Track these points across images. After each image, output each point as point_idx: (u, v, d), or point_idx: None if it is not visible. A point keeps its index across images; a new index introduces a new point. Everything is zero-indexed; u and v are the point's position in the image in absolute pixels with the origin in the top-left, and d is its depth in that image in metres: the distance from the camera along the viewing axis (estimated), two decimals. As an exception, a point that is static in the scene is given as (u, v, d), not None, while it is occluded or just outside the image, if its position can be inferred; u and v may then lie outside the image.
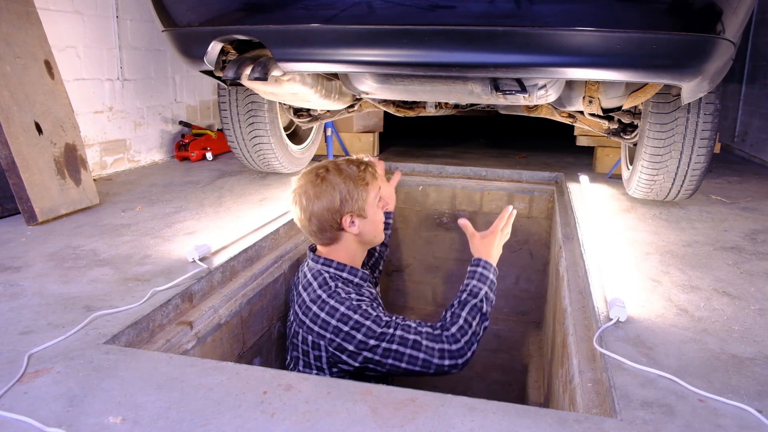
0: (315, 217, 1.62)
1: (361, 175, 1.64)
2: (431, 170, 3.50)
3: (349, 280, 1.65)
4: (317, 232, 1.65)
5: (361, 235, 1.67)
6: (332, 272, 1.64)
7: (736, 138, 4.33)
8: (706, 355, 1.26)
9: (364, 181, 1.64)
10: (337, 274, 1.64)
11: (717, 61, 1.65)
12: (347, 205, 1.61)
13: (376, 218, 1.69)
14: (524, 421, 0.99)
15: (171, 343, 1.40)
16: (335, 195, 1.60)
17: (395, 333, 1.49)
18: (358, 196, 1.62)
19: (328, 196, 1.60)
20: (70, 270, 1.68)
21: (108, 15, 3.12)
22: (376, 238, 1.72)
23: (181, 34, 1.89)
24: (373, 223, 1.68)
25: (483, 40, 1.59)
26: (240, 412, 1.01)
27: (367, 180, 1.65)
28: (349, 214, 1.63)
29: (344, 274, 1.65)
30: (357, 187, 1.62)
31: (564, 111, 2.71)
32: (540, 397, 2.50)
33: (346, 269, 1.66)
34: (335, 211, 1.61)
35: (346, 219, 1.63)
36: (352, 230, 1.64)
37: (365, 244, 1.73)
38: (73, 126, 2.41)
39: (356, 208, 1.63)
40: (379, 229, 1.72)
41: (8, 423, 0.97)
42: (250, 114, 2.71)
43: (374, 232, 1.70)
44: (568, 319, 1.59)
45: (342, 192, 1.61)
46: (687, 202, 2.65)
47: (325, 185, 1.61)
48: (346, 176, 1.62)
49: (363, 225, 1.66)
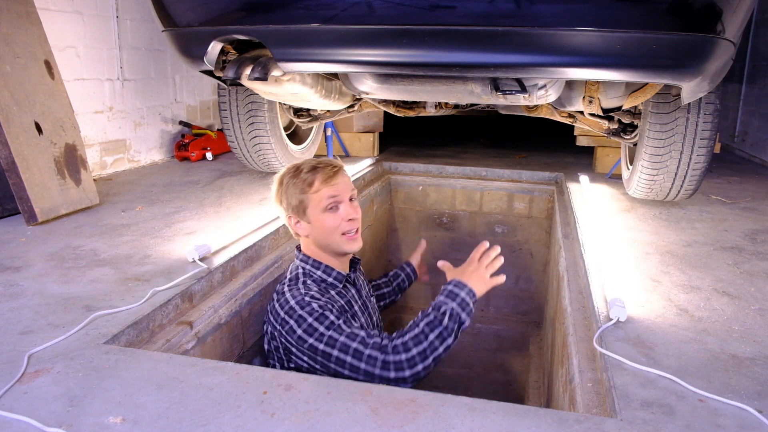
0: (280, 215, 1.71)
1: (305, 177, 1.60)
2: (431, 170, 3.50)
3: (321, 279, 1.64)
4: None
5: (314, 239, 1.65)
6: (307, 268, 1.65)
7: (736, 138, 4.33)
8: (706, 355, 1.26)
9: (309, 184, 1.60)
10: (311, 271, 1.65)
11: (717, 61, 1.65)
12: (288, 208, 1.65)
13: (323, 223, 1.61)
14: (524, 421, 0.99)
15: (171, 343, 1.40)
16: (282, 195, 1.66)
17: (339, 339, 1.43)
18: (297, 201, 1.62)
19: (277, 197, 1.68)
20: (70, 270, 1.68)
21: (108, 15, 3.12)
22: (330, 244, 1.64)
23: (181, 34, 1.89)
24: (320, 228, 1.62)
25: (483, 40, 1.59)
26: (240, 412, 1.01)
27: (311, 182, 1.60)
28: (293, 216, 1.65)
29: (318, 272, 1.65)
30: (298, 191, 1.61)
31: (564, 111, 2.71)
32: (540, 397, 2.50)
33: (321, 267, 1.65)
34: (282, 210, 1.68)
35: (291, 220, 1.67)
36: (300, 231, 1.66)
37: (324, 248, 1.66)
38: (73, 126, 2.41)
39: (298, 212, 1.63)
40: (330, 234, 1.63)
41: (8, 423, 0.97)
42: (250, 114, 2.71)
43: (325, 239, 1.63)
44: (568, 319, 1.59)
45: (288, 194, 1.64)
46: (687, 202, 2.65)
47: (277, 185, 1.67)
48: (294, 177, 1.63)
49: (310, 228, 1.64)
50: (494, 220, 3.35)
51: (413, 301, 3.57)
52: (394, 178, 3.47)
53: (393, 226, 3.54)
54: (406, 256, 3.53)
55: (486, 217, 3.36)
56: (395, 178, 3.47)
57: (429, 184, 3.42)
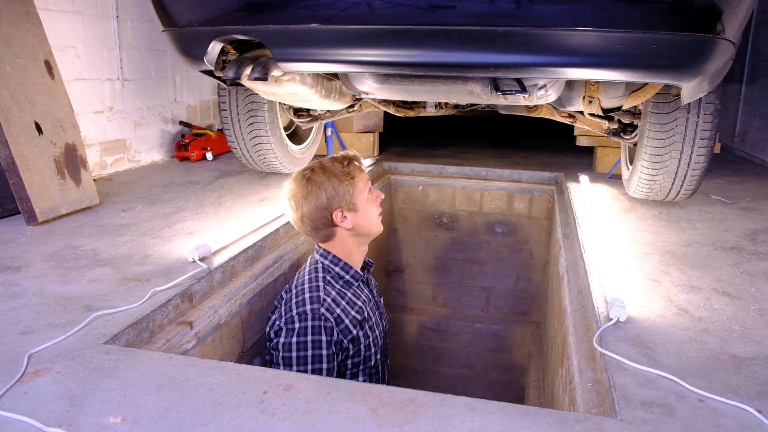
0: (307, 218, 1.69)
1: (345, 170, 1.69)
2: (431, 170, 3.50)
3: (340, 276, 1.70)
4: (312, 232, 1.72)
5: (355, 228, 1.72)
6: (326, 263, 1.70)
7: (736, 138, 4.33)
8: (706, 355, 1.26)
9: (349, 175, 1.69)
10: (330, 266, 1.70)
11: (717, 61, 1.65)
12: (335, 201, 1.67)
13: (367, 210, 1.73)
14: (524, 421, 0.99)
15: (171, 343, 1.40)
16: (321, 193, 1.66)
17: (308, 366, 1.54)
18: (344, 191, 1.67)
19: (315, 196, 1.66)
20: (70, 270, 1.68)
21: (108, 15, 3.12)
22: (372, 230, 1.77)
23: (181, 34, 1.89)
24: (365, 216, 1.72)
25: (483, 41, 1.59)
26: (240, 412, 1.01)
27: (352, 174, 1.69)
28: (338, 210, 1.67)
29: (337, 268, 1.70)
30: (342, 183, 1.67)
31: (564, 111, 2.71)
32: (540, 397, 2.50)
33: (340, 264, 1.71)
34: (324, 209, 1.67)
35: (336, 215, 1.68)
36: (345, 225, 1.69)
37: (361, 236, 1.76)
38: (73, 126, 2.41)
39: (344, 202, 1.67)
40: (375, 221, 1.76)
41: (8, 423, 0.97)
42: (250, 114, 2.71)
43: (369, 225, 1.74)
44: (568, 319, 1.59)
45: (328, 189, 1.66)
46: (687, 202, 2.65)
47: (311, 185, 1.66)
48: (330, 173, 1.67)
49: (355, 218, 1.70)
50: (494, 220, 3.35)
51: (413, 301, 3.57)
52: (394, 178, 3.47)
53: (393, 226, 3.54)
54: (406, 256, 3.54)
55: (486, 217, 3.36)
56: (395, 178, 3.47)
57: (429, 184, 3.42)
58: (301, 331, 1.53)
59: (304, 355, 1.52)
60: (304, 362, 1.52)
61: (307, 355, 1.52)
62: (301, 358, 1.52)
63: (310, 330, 1.53)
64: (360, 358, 1.66)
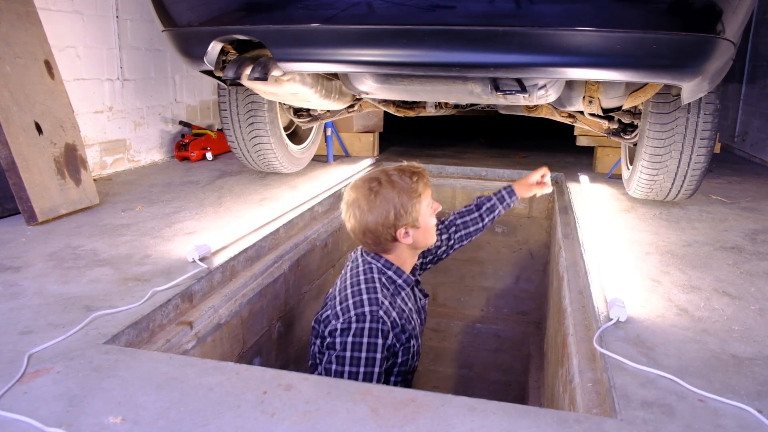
0: (370, 231, 1.61)
1: (413, 187, 1.62)
2: (431, 170, 3.49)
3: (392, 280, 1.64)
4: (371, 244, 1.65)
5: (415, 242, 1.66)
6: (379, 266, 1.64)
7: (736, 138, 4.33)
8: (706, 355, 1.26)
9: (417, 192, 1.62)
10: (382, 269, 1.64)
11: (717, 61, 1.65)
12: (401, 219, 1.59)
13: (428, 226, 1.67)
14: (524, 421, 0.99)
15: (171, 343, 1.40)
16: (389, 209, 1.58)
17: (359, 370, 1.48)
18: (411, 209, 1.60)
19: (382, 211, 1.58)
20: (70, 270, 1.68)
21: (108, 15, 3.12)
22: (429, 242, 1.72)
23: (181, 34, 1.89)
24: (425, 231, 1.67)
25: (483, 41, 1.59)
26: (240, 412, 1.01)
27: (419, 191, 1.63)
28: (403, 227, 1.61)
29: (389, 272, 1.64)
30: (411, 200, 1.60)
31: (564, 111, 2.71)
32: (540, 397, 2.50)
33: (393, 268, 1.65)
34: (390, 225, 1.59)
35: (400, 232, 1.61)
36: (406, 241, 1.63)
37: (418, 249, 1.71)
38: (73, 126, 2.41)
39: (410, 220, 1.60)
40: (432, 234, 1.71)
41: (8, 423, 0.97)
42: (250, 114, 2.71)
43: (426, 239, 1.69)
44: (568, 319, 1.59)
45: (396, 206, 1.58)
46: (687, 202, 2.65)
47: (379, 200, 1.58)
48: (400, 189, 1.60)
49: (416, 234, 1.64)
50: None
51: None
52: (394, 178, 3.46)
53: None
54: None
55: (486, 217, 3.35)
56: (395, 178, 3.47)
57: (429, 184, 3.42)
58: (357, 332, 1.48)
59: (358, 356, 1.47)
60: (357, 363, 1.47)
61: (361, 356, 1.47)
62: (354, 359, 1.47)
63: (367, 332, 1.48)
64: (406, 367, 1.62)
